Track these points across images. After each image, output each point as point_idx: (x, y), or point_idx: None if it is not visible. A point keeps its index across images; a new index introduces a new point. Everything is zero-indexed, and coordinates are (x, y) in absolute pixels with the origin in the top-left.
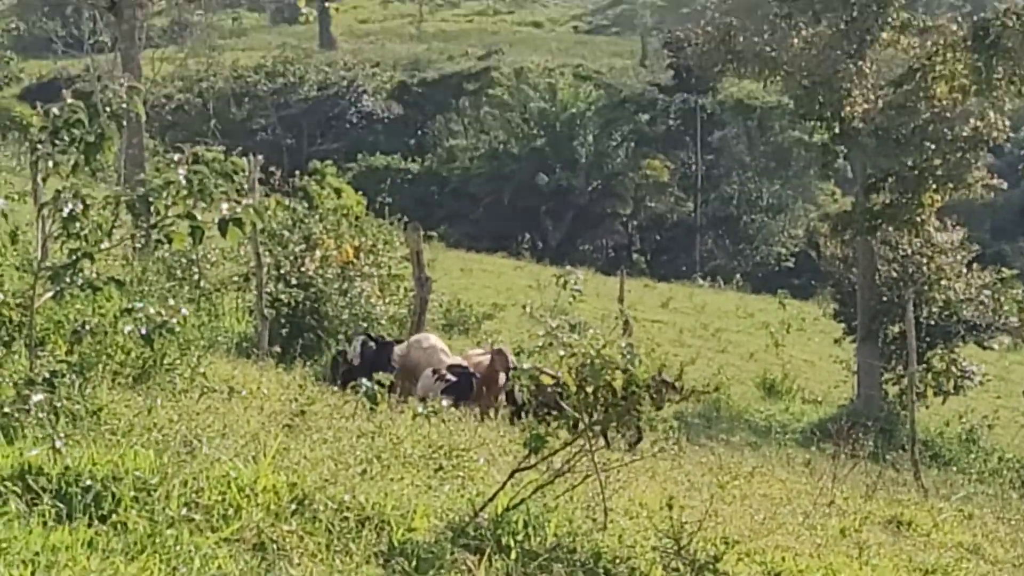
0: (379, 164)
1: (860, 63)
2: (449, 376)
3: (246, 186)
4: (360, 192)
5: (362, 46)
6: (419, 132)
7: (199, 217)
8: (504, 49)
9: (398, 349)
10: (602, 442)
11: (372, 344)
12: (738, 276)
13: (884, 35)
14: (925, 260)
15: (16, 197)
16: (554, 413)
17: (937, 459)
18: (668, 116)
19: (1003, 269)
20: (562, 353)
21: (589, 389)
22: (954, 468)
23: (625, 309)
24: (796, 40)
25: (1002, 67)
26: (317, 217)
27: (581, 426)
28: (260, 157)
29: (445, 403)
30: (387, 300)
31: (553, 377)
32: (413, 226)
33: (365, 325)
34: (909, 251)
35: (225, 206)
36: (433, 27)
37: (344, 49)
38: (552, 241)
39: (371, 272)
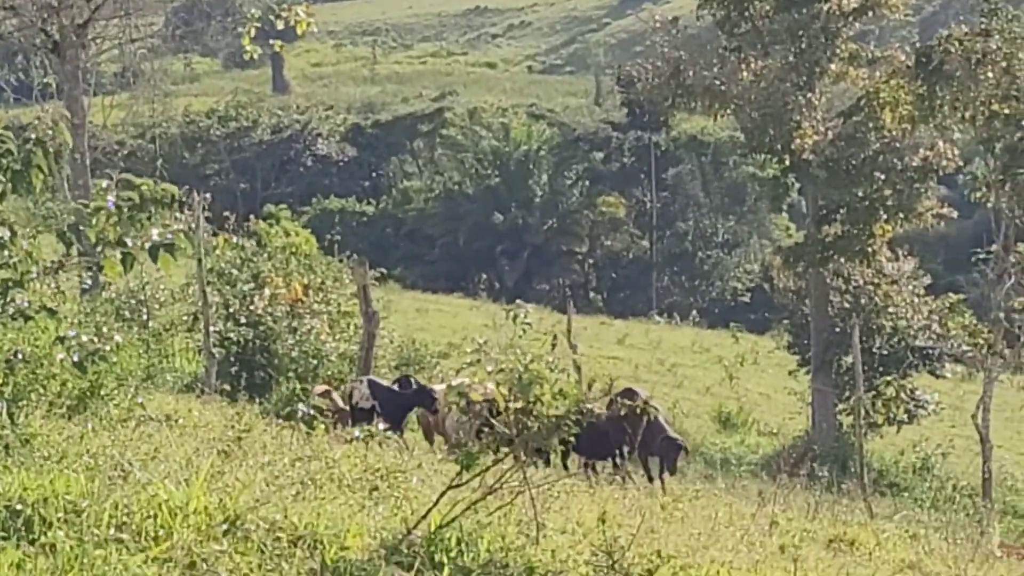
0: (334, 207)
1: (809, 95)
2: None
3: (193, 224)
4: (314, 235)
5: (316, 90)
6: (374, 174)
7: (130, 244)
8: (458, 90)
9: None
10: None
11: (392, 386)
12: (694, 312)
13: (833, 67)
14: (873, 289)
15: None
16: (486, 430)
17: (892, 488)
18: (622, 154)
19: (951, 295)
20: (490, 369)
21: (518, 405)
22: (908, 496)
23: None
24: (745, 73)
25: (946, 93)
26: (266, 256)
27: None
28: (208, 195)
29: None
30: (337, 337)
31: (483, 394)
32: (359, 261)
33: (315, 362)
34: (861, 281)
35: (156, 232)
36: (387, 69)
37: (298, 93)
38: (508, 281)
39: (320, 310)
